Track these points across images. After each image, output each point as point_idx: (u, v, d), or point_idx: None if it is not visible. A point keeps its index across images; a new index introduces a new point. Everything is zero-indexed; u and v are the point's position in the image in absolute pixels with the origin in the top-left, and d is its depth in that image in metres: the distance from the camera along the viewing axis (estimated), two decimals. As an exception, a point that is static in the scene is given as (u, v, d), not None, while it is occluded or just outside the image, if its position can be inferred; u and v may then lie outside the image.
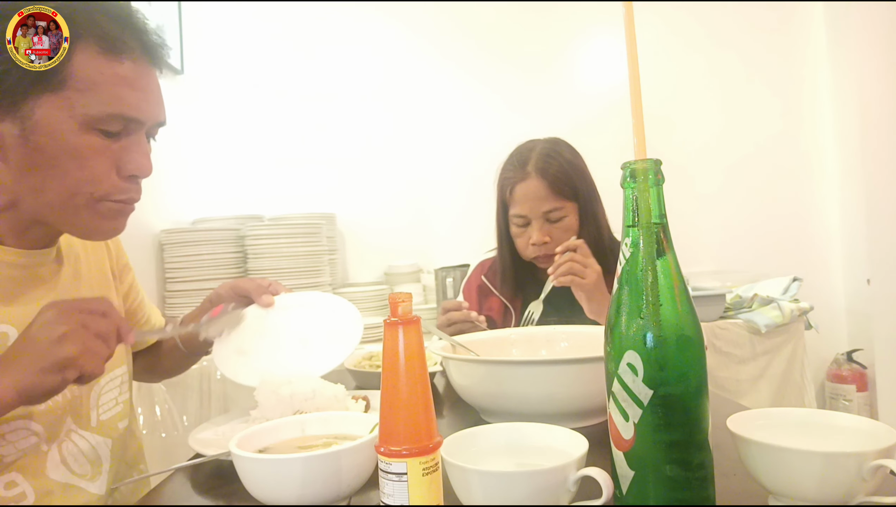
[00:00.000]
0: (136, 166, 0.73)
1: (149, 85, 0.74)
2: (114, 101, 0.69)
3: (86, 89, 0.67)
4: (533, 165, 1.33)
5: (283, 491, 0.56)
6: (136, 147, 0.73)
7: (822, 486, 0.48)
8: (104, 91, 0.68)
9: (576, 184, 1.34)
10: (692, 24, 2.72)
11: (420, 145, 2.66)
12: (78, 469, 0.78)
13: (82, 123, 0.68)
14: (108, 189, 0.72)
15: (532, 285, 1.42)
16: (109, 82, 0.69)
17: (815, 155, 2.73)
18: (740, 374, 2.10)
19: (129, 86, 0.70)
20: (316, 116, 2.63)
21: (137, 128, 0.73)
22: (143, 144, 0.74)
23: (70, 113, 0.67)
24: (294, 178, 2.60)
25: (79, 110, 0.67)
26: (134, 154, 0.73)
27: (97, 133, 0.69)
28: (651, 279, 0.47)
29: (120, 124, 0.70)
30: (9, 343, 0.71)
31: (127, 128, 0.71)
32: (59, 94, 0.67)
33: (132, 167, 0.73)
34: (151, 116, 0.74)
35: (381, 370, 0.49)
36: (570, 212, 1.34)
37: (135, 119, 0.71)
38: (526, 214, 1.34)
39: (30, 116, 0.66)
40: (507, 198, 1.38)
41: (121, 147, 0.72)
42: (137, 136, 0.73)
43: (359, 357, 1.25)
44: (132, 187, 0.75)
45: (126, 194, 0.74)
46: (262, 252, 2.11)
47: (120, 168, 0.72)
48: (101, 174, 0.71)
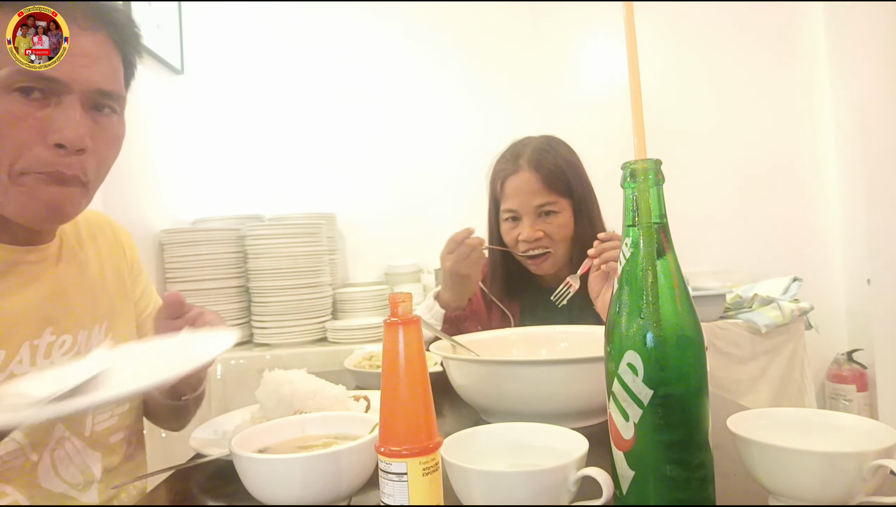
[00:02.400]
0: (62, 135, 0.66)
1: (77, 47, 0.67)
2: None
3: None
4: (526, 159, 1.29)
5: (283, 491, 0.56)
6: (64, 113, 0.66)
7: (823, 486, 0.48)
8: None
9: (570, 180, 1.29)
10: (691, 25, 2.72)
11: (420, 146, 2.66)
12: (70, 478, 0.76)
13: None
14: (32, 161, 0.66)
15: (530, 288, 1.38)
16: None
17: (816, 155, 2.73)
18: (740, 374, 2.10)
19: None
20: (316, 116, 2.63)
21: (63, 90, 0.67)
22: (74, 110, 0.67)
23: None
24: (294, 178, 2.60)
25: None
26: (61, 120, 0.66)
27: (17, 95, 0.64)
28: (651, 279, 0.47)
29: (39, 83, 0.65)
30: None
31: (52, 90, 0.66)
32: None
33: (58, 135, 0.66)
34: (82, 80, 0.67)
35: (381, 370, 0.49)
36: (563, 208, 1.29)
37: (53, 78, 0.65)
38: (516, 208, 1.29)
39: None
40: (498, 193, 1.33)
41: (46, 114, 0.66)
42: (67, 104, 0.67)
43: (359, 357, 1.25)
44: (60, 160, 0.67)
45: (52, 167, 0.67)
46: (262, 252, 2.11)
47: (45, 136, 0.66)
48: (23, 142, 0.65)
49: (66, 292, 0.80)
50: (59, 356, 0.76)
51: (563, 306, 1.25)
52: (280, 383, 0.81)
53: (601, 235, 1.15)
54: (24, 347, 0.73)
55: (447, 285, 1.25)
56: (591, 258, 1.17)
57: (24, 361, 0.72)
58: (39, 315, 0.75)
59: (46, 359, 0.75)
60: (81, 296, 0.82)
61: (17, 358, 0.72)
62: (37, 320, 0.75)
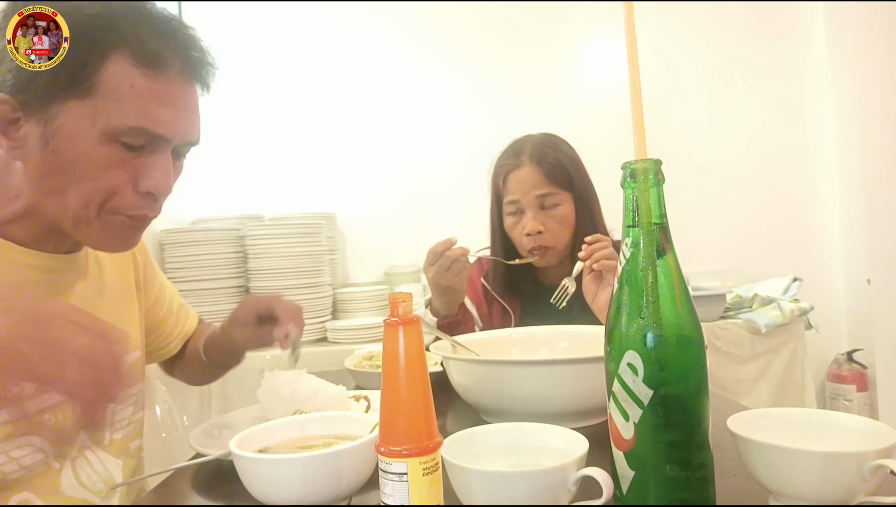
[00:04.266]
0: (153, 183, 0.70)
1: (182, 103, 0.71)
2: (140, 115, 0.67)
3: (113, 100, 0.65)
4: (528, 154, 1.31)
5: (283, 491, 0.56)
6: (157, 164, 0.70)
7: (823, 486, 0.48)
8: (132, 104, 0.66)
9: (571, 174, 1.31)
10: (691, 25, 2.72)
11: (420, 146, 2.66)
12: (92, 486, 0.77)
13: (103, 132, 0.66)
14: (121, 203, 0.70)
15: (531, 285, 1.39)
16: (139, 96, 0.67)
17: (816, 155, 2.73)
18: (740, 374, 2.10)
19: (160, 102, 0.68)
20: (316, 117, 2.63)
21: (163, 145, 0.70)
22: (166, 161, 0.72)
23: (93, 121, 0.65)
24: (294, 178, 2.60)
25: (102, 119, 0.65)
26: (153, 171, 0.70)
27: (118, 145, 0.67)
28: (651, 279, 0.47)
29: (143, 139, 0.68)
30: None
31: (151, 144, 0.69)
32: (85, 100, 0.65)
33: (150, 183, 0.70)
34: (179, 134, 0.71)
35: (381, 370, 0.49)
36: (564, 201, 1.31)
37: (160, 136, 0.69)
38: (519, 199, 1.30)
39: (53, 120, 0.65)
40: (500, 188, 1.34)
41: (142, 162, 0.69)
42: (162, 153, 0.71)
43: (359, 357, 1.25)
44: (147, 204, 0.72)
45: (139, 210, 0.72)
46: (262, 252, 2.11)
47: (137, 183, 0.70)
48: (117, 187, 0.69)
49: (91, 299, 0.81)
50: None
51: (562, 306, 1.25)
52: (280, 383, 0.81)
53: (588, 238, 1.15)
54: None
55: (434, 295, 1.27)
56: (581, 260, 1.17)
57: None
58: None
59: None
60: (102, 303, 0.83)
61: None
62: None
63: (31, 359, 0.57)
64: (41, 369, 0.57)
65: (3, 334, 0.57)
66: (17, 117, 0.66)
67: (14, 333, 0.57)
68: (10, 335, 0.57)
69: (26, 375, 0.59)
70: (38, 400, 0.71)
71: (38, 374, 0.58)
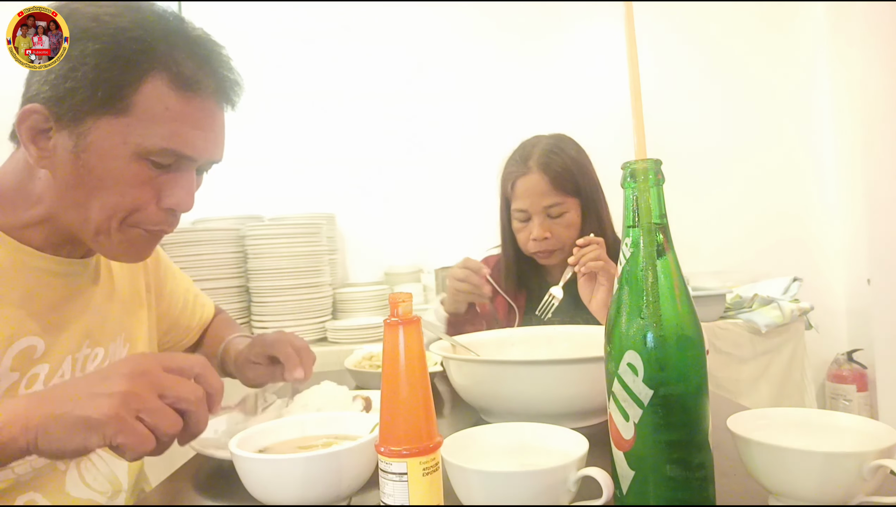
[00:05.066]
0: (176, 201, 0.72)
1: (212, 124, 0.73)
2: (172, 137, 0.68)
3: (147, 120, 0.66)
4: (535, 161, 1.33)
5: (283, 491, 0.56)
6: (181, 182, 0.72)
7: (823, 486, 0.48)
8: (165, 126, 0.67)
9: (578, 180, 1.34)
10: (691, 25, 2.72)
11: (420, 145, 2.66)
12: (98, 487, 0.77)
13: (135, 151, 0.67)
14: (142, 218, 0.71)
15: (536, 281, 1.43)
16: (173, 118, 0.68)
17: (816, 155, 2.73)
18: (740, 374, 2.10)
19: (192, 124, 0.70)
20: (316, 117, 2.63)
21: (188, 165, 0.72)
22: (190, 179, 0.73)
23: (125, 140, 0.66)
24: (294, 178, 2.60)
25: (134, 139, 0.66)
26: (177, 189, 0.71)
27: (147, 163, 0.68)
28: (651, 279, 0.47)
29: (171, 159, 0.69)
30: (35, 356, 0.70)
31: (178, 163, 0.70)
32: (119, 119, 0.66)
33: (173, 201, 0.71)
34: (206, 156, 0.73)
35: (381, 370, 0.49)
36: (571, 208, 1.34)
37: (188, 157, 0.70)
38: (526, 208, 1.34)
39: (86, 135, 0.66)
40: (508, 193, 1.38)
41: (166, 179, 0.71)
42: (187, 172, 0.72)
43: (359, 357, 1.25)
44: (167, 220, 0.74)
45: (159, 226, 0.73)
46: (262, 252, 2.11)
47: (160, 199, 0.71)
48: (141, 203, 0.70)
49: (101, 304, 0.81)
50: (92, 370, 0.77)
51: (565, 306, 1.28)
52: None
53: (579, 241, 1.20)
54: (66, 361, 0.74)
55: (449, 297, 1.32)
56: (571, 266, 1.21)
57: (65, 374, 0.73)
58: (80, 328, 0.76)
59: (82, 373, 0.75)
60: (112, 307, 0.83)
61: (60, 372, 0.73)
62: (79, 333, 0.76)
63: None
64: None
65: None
66: (49, 128, 0.66)
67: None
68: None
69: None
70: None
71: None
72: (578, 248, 1.19)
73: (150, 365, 0.57)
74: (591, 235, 1.26)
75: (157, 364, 0.58)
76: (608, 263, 1.17)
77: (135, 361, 0.58)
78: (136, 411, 0.54)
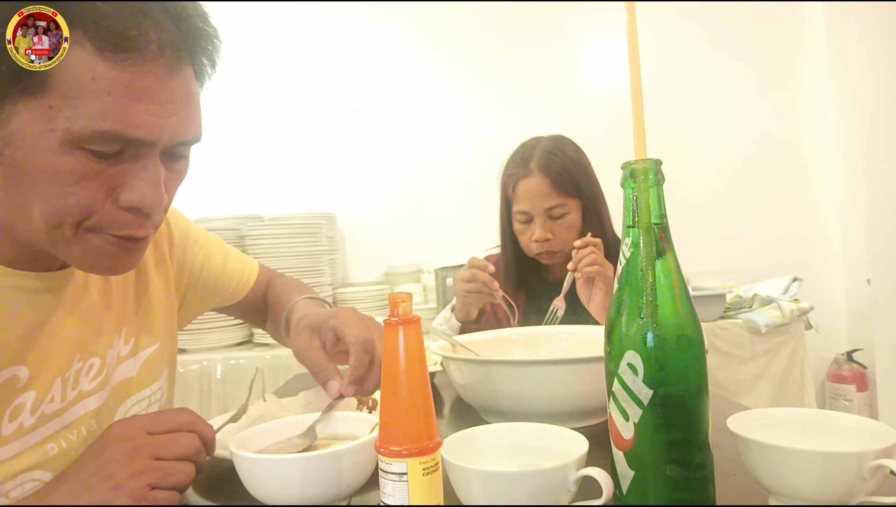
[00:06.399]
0: (138, 197, 0.57)
1: (165, 93, 0.56)
2: (108, 115, 0.52)
3: (72, 97, 0.52)
4: (535, 163, 1.34)
5: (283, 491, 0.56)
6: (140, 173, 0.57)
7: (822, 486, 0.48)
8: (95, 102, 0.52)
9: (578, 181, 1.35)
10: (691, 25, 2.72)
11: (420, 145, 2.66)
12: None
13: (64, 140, 0.52)
14: (101, 221, 0.57)
15: (536, 281, 1.44)
16: (104, 91, 0.52)
17: (816, 155, 2.73)
18: (740, 374, 2.10)
19: (135, 97, 0.53)
20: (316, 116, 2.63)
21: (144, 150, 0.56)
22: (152, 169, 0.57)
23: (49, 126, 0.52)
24: (294, 178, 2.60)
25: (60, 124, 0.52)
26: (137, 181, 0.57)
27: (85, 153, 0.53)
28: (651, 279, 0.47)
29: (116, 145, 0.54)
30: (19, 386, 0.62)
31: (128, 149, 0.55)
32: (39, 99, 0.52)
33: (133, 197, 0.57)
34: (168, 135, 0.57)
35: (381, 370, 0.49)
36: (572, 209, 1.35)
37: (138, 140, 0.55)
38: (528, 210, 1.35)
39: (4, 124, 0.53)
40: (509, 195, 1.39)
41: (120, 171, 0.56)
42: (145, 159, 0.57)
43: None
44: (133, 221, 0.59)
45: (123, 230, 0.59)
46: (262, 252, 2.11)
47: (117, 197, 0.57)
48: (91, 203, 0.56)
49: (94, 312, 0.72)
50: (88, 382, 0.70)
51: (566, 307, 1.28)
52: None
53: (576, 243, 1.21)
54: (55, 383, 0.66)
55: (458, 303, 1.32)
56: (570, 271, 1.23)
57: (55, 398, 0.66)
58: (69, 345, 0.67)
59: (74, 390, 0.68)
60: (109, 313, 0.74)
61: (49, 396, 0.65)
62: (67, 350, 0.67)
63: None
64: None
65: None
66: None
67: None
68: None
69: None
70: (40, 430, 0.65)
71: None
72: (576, 250, 1.20)
73: (137, 439, 0.55)
74: (589, 234, 1.27)
75: (142, 433, 0.56)
76: (605, 266, 1.18)
77: (120, 438, 0.55)
78: (147, 487, 0.53)
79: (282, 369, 1.97)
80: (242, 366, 1.99)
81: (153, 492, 0.54)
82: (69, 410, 0.68)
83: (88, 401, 0.70)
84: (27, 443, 0.63)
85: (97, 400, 0.71)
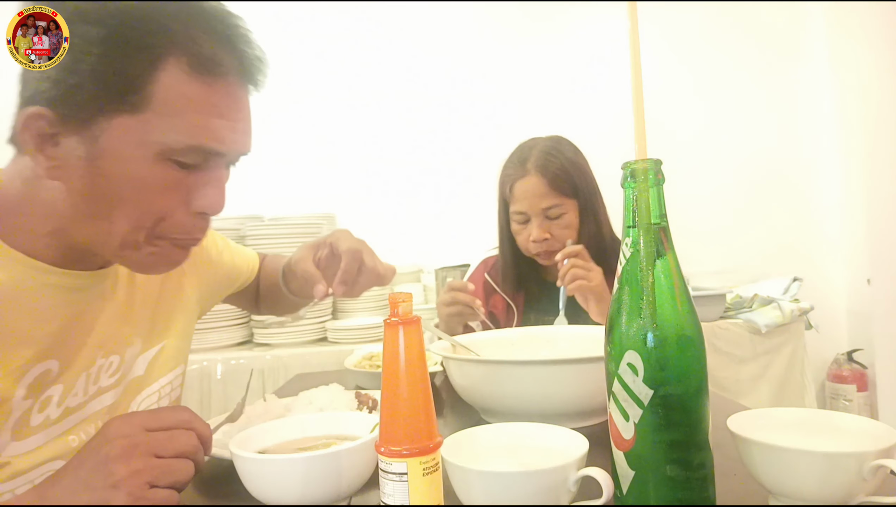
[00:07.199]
0: (208, 203, 0.64)
1: (240, 112, 0.64)
2: (197, 131, 0.60)
3: (167, 115, 0.58)
4: (533, 163, 1.34)
5: (283, 491, 0.56)
6: (212, 181, 0.64)
7: (823, 486, 0.48)
8: (188, 119, 0.59)
9: (576, 182, 1.35)
10: (691, 26, 2.72)
11: (420, 146, 2.66)
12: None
13: (157, 152, 0.59)
14: (172, 226, 0.63)
15: (534, 281, 1.44)
16: (196, 110, 0.59)
17: (816, 155, 2.73)
18: (740, 374, 2.10)
19: (218, 114, 0.61)
20: (316, 117, 2.63)
21: (218, 161, 0.64)
22: (221, 177, 0.65)
23: (144, 139, 0.58)
24: (294, 178, 2.60)
25: (155, 137, 0.58)
26: (208, 189, 0.63)
27: (172, 164, 0.60)
28: (651, 279, 0.47)
29: (199, 157, 0.61)
30: (49, 379, 0.64)
31: (206, 161, 0.62)
32: (135, 116, 0.57)
33: (204, 203, 0.64)
34: (236, 148, 0.65)
35: (382, 370, 0.49)
36: (569, 209, 1.35)
37: (217, 152, 0.62)
38: (525, 210, 1.35)
39: (99, 138, 0.58)
40: (507, 195, 1.39)
41: (195, 180, 0.63)
42: (217, 169, 0.64)
43: (359, 357, 1.25)
44: (199, 225, 0.66)
45: (190, 234, 0.66)
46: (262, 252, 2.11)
47: (189, 203, 0.63)
48: (169, 210, 0.62)
49: (119, 313, 0.75)
50: (107, 378, 0.73)
51: (567, 309, 1.29)
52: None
53: (557, 257, 1.24)
54: (80, 378, 0.69)
55: (442, 326, 1.29)
56: (559, 286, 1.24)
57: (79, 392, 0.69)
58: (95, 342, 0.71)
59: (94, 385, 0.71)
60: (132, 314, 0.77)
61: (74, 391, 0.69)
62: (93, 347, 0.71)
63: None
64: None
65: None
66: (55, 133, 0.58)
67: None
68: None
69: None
70: (63, 423, 0.67)
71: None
72: (560, 264, 1.22)
73: (135, 436, 0.55)
74: (569, 242, 1.29)
75: (140, 430, 0.55)
76: (588, 277, 1.19)
77: (118, 435, 0.54)
78: (146, 485, 0.53)
79: (282, 369, 1.97)
80: (242, 366, 1.99)
81: (152, 491, 0.53)
82: (88, 404, 0.70)
83: (105, 397, 0.73)
84: (52, 434, 0.66)
85: (112, 396, 0.74)
